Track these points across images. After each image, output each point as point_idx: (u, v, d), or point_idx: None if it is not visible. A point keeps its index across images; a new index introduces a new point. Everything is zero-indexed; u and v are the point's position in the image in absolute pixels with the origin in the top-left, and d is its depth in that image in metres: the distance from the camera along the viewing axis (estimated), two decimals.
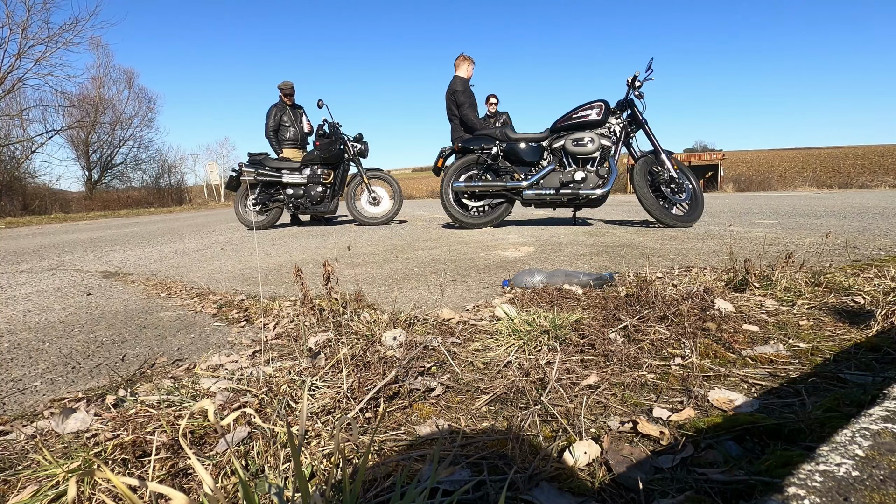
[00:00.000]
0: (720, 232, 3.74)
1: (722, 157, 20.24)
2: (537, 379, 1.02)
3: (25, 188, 19.56)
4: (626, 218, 5.56)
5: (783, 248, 2.73)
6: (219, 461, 0.75)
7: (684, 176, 4.37)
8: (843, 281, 1.74)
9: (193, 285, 2.43)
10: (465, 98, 5.50)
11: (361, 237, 4.58)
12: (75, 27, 19.26)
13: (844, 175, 22.45)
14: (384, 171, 6.09)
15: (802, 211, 5.60)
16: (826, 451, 0.54)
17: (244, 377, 1.06)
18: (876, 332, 1.22)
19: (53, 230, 8.58)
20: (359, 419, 0.89)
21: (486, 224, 4.79)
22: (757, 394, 0.94)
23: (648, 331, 1.27)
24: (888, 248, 2.61)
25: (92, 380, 1.22)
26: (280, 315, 1.70)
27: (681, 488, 0.65)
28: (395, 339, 1.28)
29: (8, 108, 19.77)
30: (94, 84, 24.69)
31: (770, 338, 1.24)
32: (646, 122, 4.41)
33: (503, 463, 0.73)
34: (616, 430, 0.83)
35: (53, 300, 2.26)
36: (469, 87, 5.56)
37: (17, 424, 0.96)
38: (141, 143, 27.40)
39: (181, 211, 17.97)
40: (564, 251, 3.03)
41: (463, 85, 5.51)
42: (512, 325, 1.35)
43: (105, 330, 1.70)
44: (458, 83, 5.53)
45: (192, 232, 6.35)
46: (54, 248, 4.83)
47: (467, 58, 5.67)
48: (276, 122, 6.68)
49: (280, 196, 5.97)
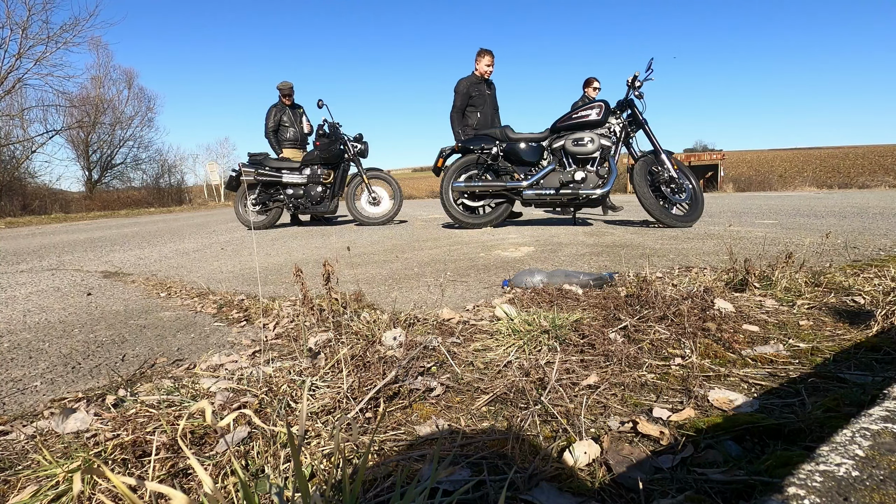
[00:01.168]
0: (720, 232, 3.74)
1: (722, 157, 20.25)
2: (537, 379, 1.02)
3: (25, 188, 19.56)
4: (626, 218, 5.56)
5: (783, 248, 2.73)
6: (219, 461, 0.75)
7: (684, 176, 4.37)
8: (843, 281, 1.74)
9: (193, 285, 2.43)
10: (456, 99, 5.36)
11: (361, 237, 4.58)
12: (75, 27, 19.26)
13: (844, 175, 22.46)
14: (384, 171, 6.09)
15: (802, 211, 5.60)
16: (826, 451, 0.54)
17: (244, 377, 1.06)
18: (876, 332, 1.22)
19: (53, 230, 8.58)
20: (359, 419, 0.89)
21: (486, 224, 4.79)
22: (757, 394, 0.94)
23: (648, 331, 1.27)
24: (888, 248, 2.61)
25: (92, 380, 1.22)
26: (280, 315, 1.70)
27: (681, 488, 0.65)
28: (395, 339, 1.28)
29: (8, 108, 19.78)
30: (93, 84, 24.70)
31: (770, 338, 1.24)
32: (646, 122, 4.41)
33: (503, 463, 0.73)
34: (616, 430, 0.83)
35: (53, 300, 2.25)
36: (466, 88, 5.32)
37: (17, 424, 0.96)
38: (141, 143, 27.43)
39: (181, 211, 17.97)
40: (564, 251, 3.03)
41: (462, 85, 5.35)
42: (512, 325, 1.35)
43: (105, 330, 1.70)
44: (460, 82, 5.38)
45: (192, 232, 6.35)
46: (54, 248, 4.83)
47: (480, 52, 5.41)
48: (275, 122, 6.68)
49: (280, 196, 5.97)
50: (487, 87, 5.46)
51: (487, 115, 5.46)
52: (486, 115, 5.45)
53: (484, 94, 5.41)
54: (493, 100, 5.58)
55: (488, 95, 5.47)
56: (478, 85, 5.37)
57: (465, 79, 5.39)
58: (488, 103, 5.47)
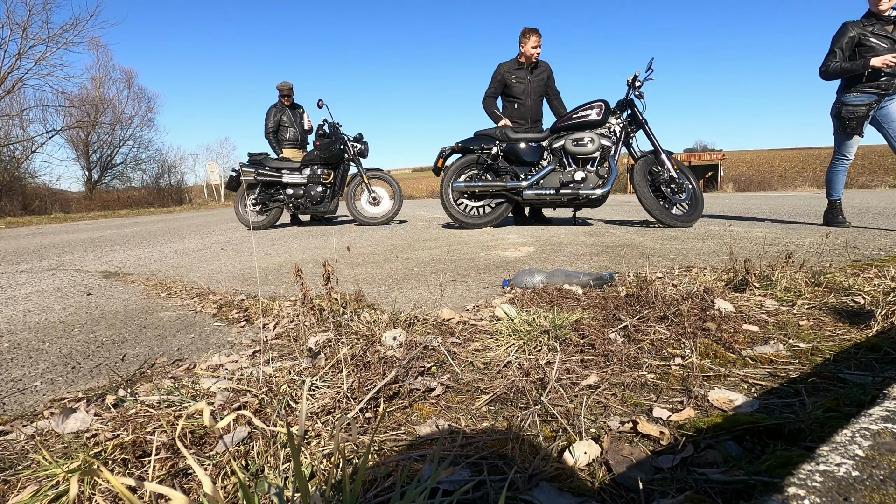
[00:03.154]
0: (720, 232, 3.74)
1: (722, 157, 20.25)
2: (537, 379, 1.02)
3: (25, 188, 19.56)
4: (626, 218, 5.56)
5: (783, 248, 2.73)
6: (219, 461, 0.75)
7: (684, 176, 4.37)
8: (843, 281, 1.74)
9: (193, 285, 2.43)
10: (490, 83, 4.92)
11: (361, 237, 4.58)
12: (75, 27, 19.27)
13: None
14: (384, 171, 6.09)
15: (802, 211, 5.60)
16: (826, 451, 0.54)
17: (244, 377, 1.06)
18: (876, 332, 1.22)
19: (53, 230, 8.58)
20: (359, 419, 0.89)
21: (486, 224, 4.79)
22: (757, 394, 0.94)
23: (648, 331, 1.27)
24: (888, 248, 2.61)
25: (92, 380, 1.22)
26: (280, 315, 1.70)
27: (681, 488, 0.65)
28: (395, 339, 1.28)
29: (8, 108, 19.78)
30: (93, 84, 24.71)
31: (770, 338, 1.24)
32: (646, 122, 4.41)
33: (503, 463, 0.73)
34: (616, 430, 0.83)
35: (53, 300, 2.25)
36: (501, 74, 4.81)
37: (17, 424, 0.96)
38: (141, 143, 27.44)
39: (181, 211, 17.97)
40: (564, 251, 3.03)
41: (498, 70, 4.85)
42: (512, 325, 1.35)
43: (105, 330, 1.70)
44: (498, 66, 4.88)
45: (192, 232, 6.35)
46: (54, 248, 4.83)
47: (524, 33, 4.74)
48: (275, 122, 6.69)
49: (280, 196, 5.97)
50: (530, 73, 4.81)
51: (528, 106, 4.88)
52: (527, 107, 4.88)
53: (525, 81, 4.81)
54: (540, 86, 4.91)
55: (530, 82, 4.83)
56: (517, 71, 4.81)
57: (503, 64, 4.88)
58: (531, 92, 4.85)
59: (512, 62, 4.86)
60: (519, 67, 4.83)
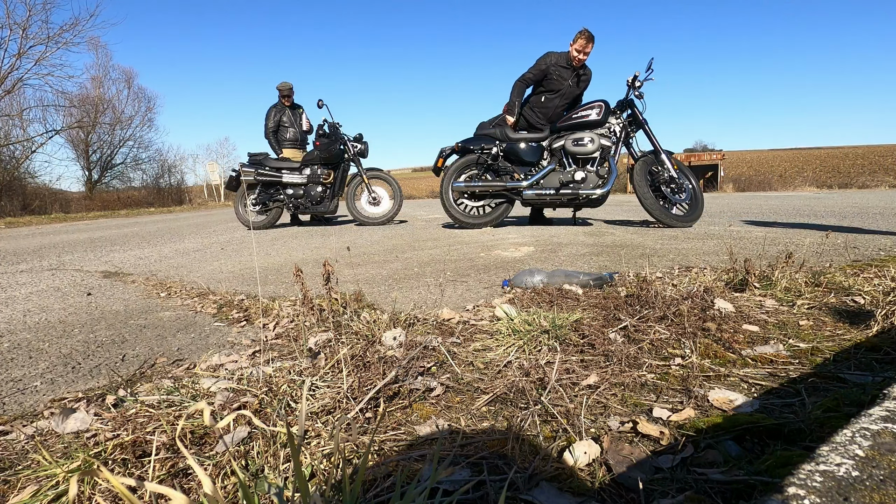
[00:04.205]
0: (720, 232, 3.74)
1: (722, 157, 20.23)
2: (537, 379, 1.02)
3: (25, 188, 19.56)
4: (626, 218, 5.56)
5: (783, 248, 2.73)
6: (219, 461, 0.75)
7: (684, 176, 4.38)
8: (843, 281, 1.74)
9: (193, 285, 2.43)
10: (531, 68, 4.70)
11: (361, 237, 4.58)
12: (75, 27, 19.24)
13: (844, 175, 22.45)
14: (384, 171, 6.09)
15: (802, 211, 5.60)
16: (826, 451, 0.54)
17: (244, 377, 1.05)
18: (876, 332, 1.22)
19: (53, 230, 8.58)
20: (359, 419, 0.89)
21: (486, 224, 4.80)
22: (757, 394, 0.94)
23: (648, 331, 1.27)
24: (888, 248, 2.61)
25: (92, 380, 1.22)
26: (280, 315, 1.70)
27: (681, 488, 0.65)
28: (395, 339, 1.28)
29: (8, 108, 19.77)
30: (93, 84, 24.70)
31: (770, 338, 1.24)
32: (646, 122, 4.42)
33: (503, 463, 0.73)
34: (616, 430, 0.83)
35: (53, 300, 2.25)
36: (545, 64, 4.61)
37: (17, 424, 0.96)
38: (141, 143, 27.42)
39: (181, 211, 17.97)
40: (564, 251, 3.03)
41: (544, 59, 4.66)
42: (512, 325, 1.35)
43: (105, 330, 1.70)
44: (546, 55, 4.69)
45: (192, 232, 6.35)
46: (54, 248, 4.83)
47: (578, 34, 4.52)
48: (275, 122, 6.69)
49: (280, 196, 5.97)
50: (573, 74, 4.67)
51: (555, 105, 4.77)
52: (553, 105, 4.77)
53: (563, 80, 4.66)
54: (575, 92, 4.81)
55: (568, 85, 4.69)
56: (562, 68, 4.64)
57: (552, 54, 4.67)
58: (565, 93, 4.73)
59: (561, 56, 4.64)
60: (565, 65, 4.64)
